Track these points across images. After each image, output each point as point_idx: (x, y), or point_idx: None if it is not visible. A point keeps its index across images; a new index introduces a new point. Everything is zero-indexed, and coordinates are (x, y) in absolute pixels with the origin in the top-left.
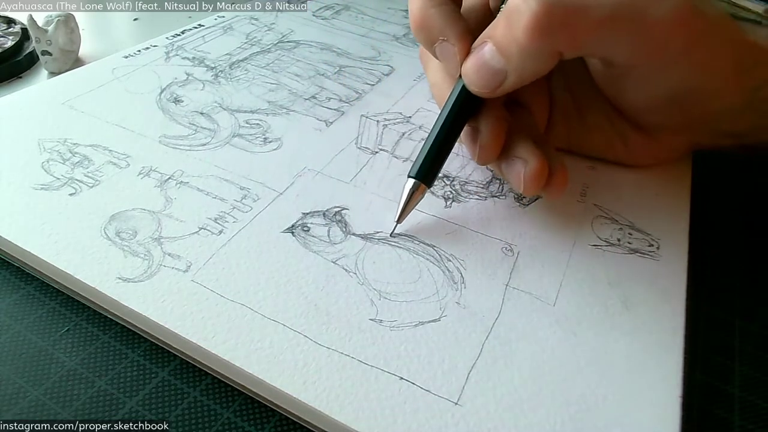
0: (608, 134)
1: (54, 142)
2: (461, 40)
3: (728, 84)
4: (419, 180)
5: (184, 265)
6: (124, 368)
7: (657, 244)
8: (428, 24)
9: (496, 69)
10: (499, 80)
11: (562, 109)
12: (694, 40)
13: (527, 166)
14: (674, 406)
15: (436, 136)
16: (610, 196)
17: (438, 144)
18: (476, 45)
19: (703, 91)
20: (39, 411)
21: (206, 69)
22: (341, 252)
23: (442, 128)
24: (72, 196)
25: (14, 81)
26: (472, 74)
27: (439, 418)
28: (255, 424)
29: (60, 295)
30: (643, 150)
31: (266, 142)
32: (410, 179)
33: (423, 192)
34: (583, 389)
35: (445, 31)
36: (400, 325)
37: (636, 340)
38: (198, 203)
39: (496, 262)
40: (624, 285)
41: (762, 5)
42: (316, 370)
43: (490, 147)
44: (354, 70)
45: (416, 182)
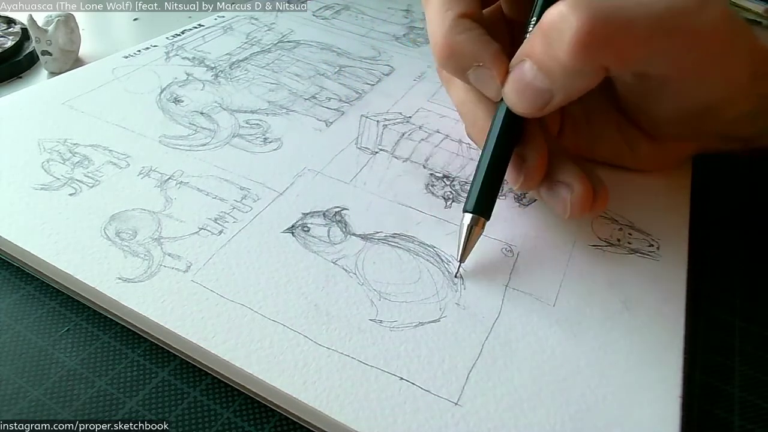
0: (616, 142)
1: (54, 142)
2: (498, 62)
3: (744, 92)
4: (477, 214)
5: (184, 265)
6: (124, 368)
7: (657, 244)
8: (459, 52)
9: (541, 89)
10: (545, 100)
11: (571, 118)
12: (727, 49)
13: (573, 192)
14: (674, 406)
15: (488, 165)
16: (611, 197)
17: (491, 172)
18: (514, 64)
19: (723, 100)
20: (39, 411)
21: (206, 69)
22: (341, 252)
23: (493, 155)
24: (72, 196)
25: (14, 81)
26: (515, 97)
27: (439, 418)
28: (255, 424)
29: (60, 295)
30: (650, 157)
31: (266, 142)
32: (467, 214)
33: (482, 226)
34: (583, 389)
35: (479, 57)
36: (400, 326)
37: (636, 341)
38: (198, 203)
39: (496, 263)
40: (624, 285)
41: (762, 5)
42: (316, 370)
43: (536, 174)
44: (354, 70)
45: (474, 217)
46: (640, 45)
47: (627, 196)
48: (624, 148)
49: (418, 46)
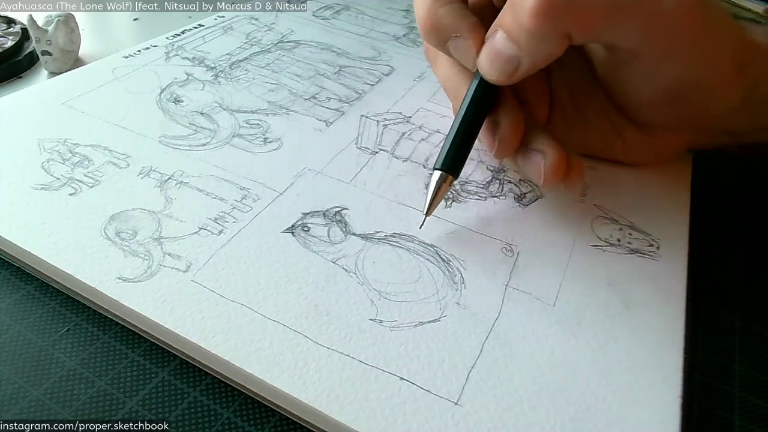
0: (606, 132)
1: (54, 142)
2: (474, 33)
3: (727, 80)
4: (445, 171)
5: (184, 265)
6: (124, 368)
7: (657, 244)
8: (439, 23)
9: (510, 56)
10: (513, 66)
11: (560, 106)
12: (699, 32)
13: (546, 158)
14: (674, 406)
15: (458, 127)
16: (610, 196)
17: (461, 134)
18: (488, 35)
19: (704, 85)
20: (39, 411)
21: (206, 69)
22: (341, 252)
23: (464, 119)
24: (72, 196)
25: (14, 81)
26: (487, 64)
27: (439, 418)
28: (255, 424)
29: (60, 295)
30: (641, 148)
31: (266, 142)
32: (436, 171)
33: (450, 183)
34: (583, 389)
35: (457, 28)
36: (400, 325)
37: (636, 340)
38: (198, 203)
39: (496, 263)
40: (624, 285)
41: (762, 5)
42: (316, 370)
43: (510, 139)
44: (354, 70)
45: (443, 174)
46: (599, 17)
47: (627, 196)
48: (615, 139)
49: (418, 46)
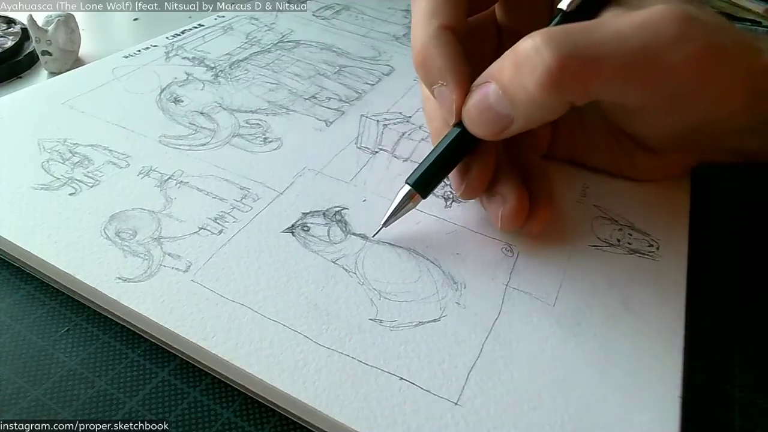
0: (615, 153)
1: (54, 142)
2: (459, 88)
3: (738, 111)
4: (416, 189)
5: (184, 265)
6: (124, 368)
7: (657, 244)
8: (428, 63)
9: (502, 114)
10: (503, 125)
11: (567, 125)
12: (710, 78)
13: (505, 205)
14: (674, 406)
15: (442, 151)
16: (610, 197)
17: (441, 160)
18: (478, 83)
19: (716, 120)
20: (39, 411)
21: (206, 69)
22: (341, 252)
23: (450, 146)
24: (72, 196)
25: (14, 81)
26: (474, 116)
27: (439, 418)
28: (255, 424)
29: (60, 295)
30: (650, 168)
31: (266, 142)
32: (406, 185)
33: (416, 202)
34: (583, 389)
35: (444, 76)
36: (400, 325)
37: (636, 340)
38: (198, 203)
39: (496, 263)
40: (624, 285)
41: (762, 5)
42: (316, 370)
43: (476, 186)
44: (354, 70)
45: (411, 190)
46: (605, 81)
47: (627, 196)
48: (622, 159)
49: None
